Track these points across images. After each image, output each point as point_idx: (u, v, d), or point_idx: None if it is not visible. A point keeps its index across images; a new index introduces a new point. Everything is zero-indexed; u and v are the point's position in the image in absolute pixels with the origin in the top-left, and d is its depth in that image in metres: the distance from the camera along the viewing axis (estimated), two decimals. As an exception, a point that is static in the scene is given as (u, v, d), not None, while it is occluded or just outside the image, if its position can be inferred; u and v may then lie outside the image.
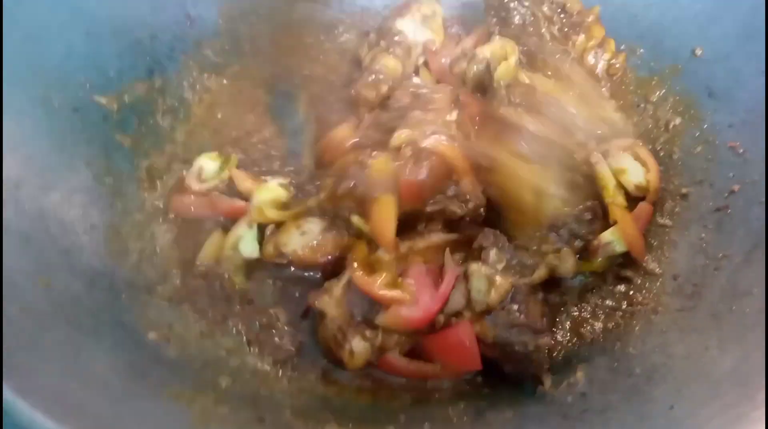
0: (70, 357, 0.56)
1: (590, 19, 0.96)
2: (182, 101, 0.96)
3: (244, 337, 0.77)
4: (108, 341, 0.62)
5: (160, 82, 0.94)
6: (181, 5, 0.96)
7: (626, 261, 0.81)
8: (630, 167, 0.84)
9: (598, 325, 0.77)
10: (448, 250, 0.74)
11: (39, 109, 0.78)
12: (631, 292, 0.78)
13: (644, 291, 0.78)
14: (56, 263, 0.67)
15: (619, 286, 0.80)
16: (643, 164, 0.85)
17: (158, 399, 0.57)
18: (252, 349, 0.76)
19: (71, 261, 0.69)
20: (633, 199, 0.85)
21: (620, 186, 0.84)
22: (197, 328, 0.74)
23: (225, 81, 0.99)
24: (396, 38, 0.94)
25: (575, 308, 0.79)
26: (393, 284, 0.72)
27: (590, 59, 0.94)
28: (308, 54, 1.02)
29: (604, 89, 0.93)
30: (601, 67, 0.94)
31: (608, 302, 0.79)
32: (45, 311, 0.59)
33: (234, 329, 0.78)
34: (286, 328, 0.78)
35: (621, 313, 0.77)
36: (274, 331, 0.78)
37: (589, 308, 0.79)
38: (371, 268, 0.73)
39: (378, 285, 0.71)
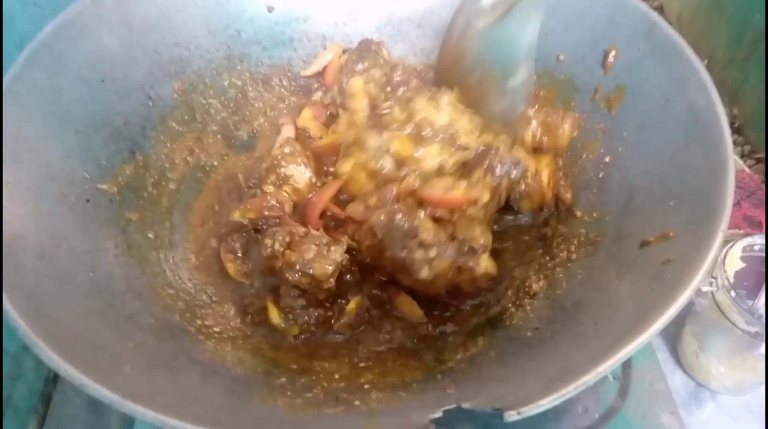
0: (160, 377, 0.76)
1: None
2: (163, 172, 1.13)
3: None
4: (196, 374, 0.81)
5: (141, 159, 1.10)
6: (141, 89, 1.12)
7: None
8: None
9: (539, 281, 1.01)
10: None
11: (63, 207, 0.93)
12: (553, 250, 1.04)
13: (561, 247, 1.03)
14: (127, 328, 0.84)
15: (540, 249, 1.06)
16: None
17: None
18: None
19: (139, 323, 0.86)
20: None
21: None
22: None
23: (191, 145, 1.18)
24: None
25: (517, 270, 1.04)
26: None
27: None
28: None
29: None
30: None
31: (536, 264, 1.04)
32: (139, 361, 0.77)
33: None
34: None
35: (548, 272, 1.01)
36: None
37: (530, 272, 1.02)
38: None
39: None
